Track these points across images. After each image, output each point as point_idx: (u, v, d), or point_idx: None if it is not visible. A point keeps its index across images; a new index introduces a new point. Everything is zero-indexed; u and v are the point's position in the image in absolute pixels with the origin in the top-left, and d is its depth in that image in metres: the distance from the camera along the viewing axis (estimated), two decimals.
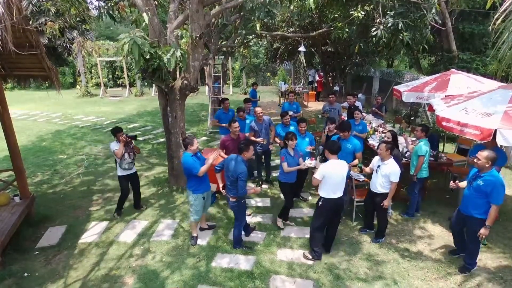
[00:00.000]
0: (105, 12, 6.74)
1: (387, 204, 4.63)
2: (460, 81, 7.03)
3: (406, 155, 5.97)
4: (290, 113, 6.78)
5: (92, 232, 5.26)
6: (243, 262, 4.48)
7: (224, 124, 6.83)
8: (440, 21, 7.86)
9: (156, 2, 7.03)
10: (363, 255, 4.62)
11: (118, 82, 20.83)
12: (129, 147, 5.45)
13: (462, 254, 4.41)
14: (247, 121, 6.63)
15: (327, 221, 4.46)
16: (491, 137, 4.29)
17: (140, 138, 10.41)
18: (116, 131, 5.44)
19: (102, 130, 11.54)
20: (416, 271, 4.30)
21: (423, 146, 5.19)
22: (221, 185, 4.79)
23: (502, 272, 4.25)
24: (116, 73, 21.11)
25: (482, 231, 3.90)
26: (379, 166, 4.66)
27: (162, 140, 9.98)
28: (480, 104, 4.87)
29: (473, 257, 4.23)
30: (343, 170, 4.30)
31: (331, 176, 4.21)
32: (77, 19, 9.40)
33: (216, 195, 5.61)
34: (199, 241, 4.92)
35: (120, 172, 5.51)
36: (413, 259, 4.53)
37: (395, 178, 4.51)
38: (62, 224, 5.49)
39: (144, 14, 5.35)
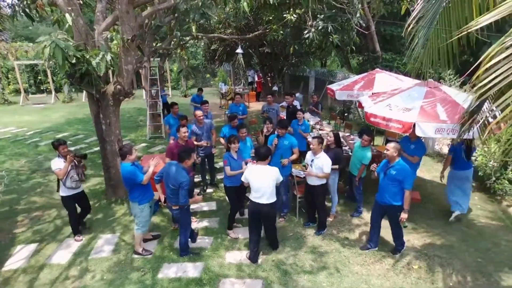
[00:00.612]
0: (21, 10, 6.07)
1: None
2: (384, 79, 7.73)
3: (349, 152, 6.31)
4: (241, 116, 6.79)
5: (18, 257, 4.71)
6: (191, 269, 4.38)
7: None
8: (364, 25, 8.55)
9: (81, 2, 6.52)
10: (308, 248, 4.83)
11: (42, 88, 18.80)
12: (78, 167, 4.84)
13: (373, 248, 4.75)
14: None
15: (256, 224, 4.48)
16: (412, 130, 4.79)
17: (71, 148, 9.58)
18: (58, 144, 4.72)
19: (25, 141, 10.37)
20: (356, 257, 4.62)
21: (368, 154, 5.24)
22: (162, 198, 4.61)
23: (427, 249, 4.77)
24: (39, 77, 19.02)
25: (403, 215, 4.30)
26: (312, 160, 4.91)
27: (96, 149, 9.30)
28: (401, 100, 5.41)
29: (400, 239, 4.66)
30: (269, 177, 4.25)
31: (253, 181, 4.27)
32: None
33: (159, 202, 5.38)
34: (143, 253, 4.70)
35: (63, 192, 4.80)
36: (353, 246, 4.86)
37: (328, 169, 4.78)
38: None
39: (67, 15, 4.92)
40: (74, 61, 4.62)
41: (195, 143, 6.18)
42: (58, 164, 4.65)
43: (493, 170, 6.18)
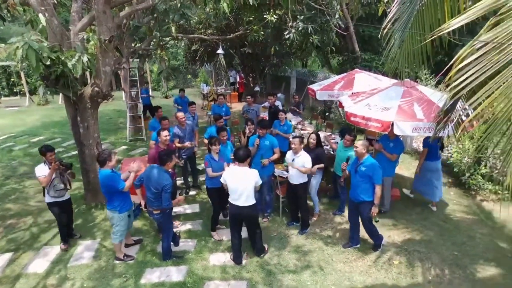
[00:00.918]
0: None
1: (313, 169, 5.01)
2: (363, 79, 7.89)
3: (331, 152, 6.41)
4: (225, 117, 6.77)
5: None
6: (175, 273, 4.33)
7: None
8: (343, 26, 8.71)
9: (55, 1, 6.32)
10: (292, 248, 4.86)
11: (15, 90, 18.09)
12: (63, 175, 4.66)
13: (355, 245, 4.82)
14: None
15: (237, 227, 4.44)
16: (390, 129, 4.92)
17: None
18: (46, 151, 4.55)
19: None
20: (339, 255, 4.70)
21: (352, 154, 4.90)
22: (143, 202, 4.53)
23: (407, 245, 4.90)
24: (12, 79, 18.27)
25: (373, 209, 4.39)
26: (293, 159, 4.95)
27: (74, 153, 9.01)
28: (379, 100, 5.53)
29: (377, 234, 4.73)
30: (248, 179, 4.19)
31: (231, 183, 4.23)
32: None
33: (140, 207, 5.29)
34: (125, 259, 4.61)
35: (48, 199, 4.67)
36: (335, 244, 4.93)
37: (309, 165, 4.85)
38: None
39: (40, 15, 4.77)
40: (48, 62, 4.47)
41: (178, 145, 6.12)
42: (42, 171, 4.49)
43: (467, 166, 6.42)
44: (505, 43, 2.30)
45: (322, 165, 5.22)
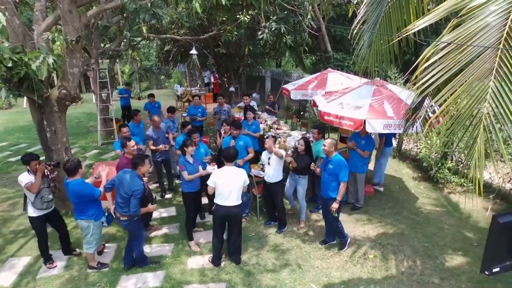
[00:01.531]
0: None
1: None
2: (336, 78, 8.07)
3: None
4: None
5: None
6: (152, 279, 4.23)
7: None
8: (315, 26, 8.85)
9: (17, 0, 6.01)
10: (270, 247, 4.89)
11: None
12: (48, 178, 4.29)
13: (332, 241, 4.91)
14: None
15: (221, 229, 4.41)
16: (363, 126, 5.05)
17: (12, 159, 8.81)
18: (30, 159, 4.19)
19: None
20: (316, 252, 4.77)
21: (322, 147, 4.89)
22: (112, 208, 4.36)
23: (381, 239, 5.06)
24: None
25: (334, 205, 4.42)
26: (269, 158, 4.98)
27: (41, 158, 8.60)
28: (351, 98, 5.68)
29: (342, 232, 4.75)
30: (237, 178, 4.22)
31: (221, 183, 4.19)
32: None
33: (111, 212, 5.13)
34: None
35: (33, 213, 4.21)
36: (313, 242, 5.01)
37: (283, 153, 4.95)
38: None
39: (0, 14, 4.50)
40: (10, 64, 4.23)
41: (152, 148, 5.99)
42: (27, 178, 4.12)
43: (435, 161, 6.72)
44: (465, 43, 2.43)
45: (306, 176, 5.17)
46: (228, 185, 4.17)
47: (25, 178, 4.13)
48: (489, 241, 2.80)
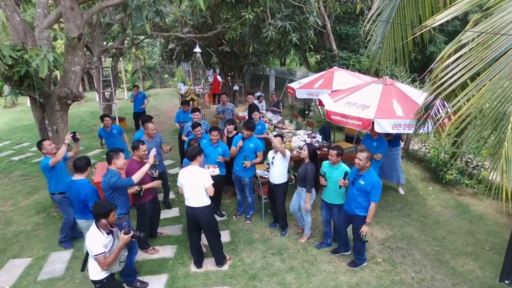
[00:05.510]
0: None
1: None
2: (342, 77, 7.90)
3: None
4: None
5: None
6: (155, 282, 4.14)
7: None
8: (321, 24, 8.69)
9: None
10: (275, 250, 4.76)
11: None
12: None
13: (345, 252, 4.61)
14: None
15: (191, 230, 4.30)
16: (371, 127, 4.90)
17: (16, 158, 8.76)
18: (107, 211, 3.23)
19: None
20: (322, 255, 4.64)
21: (343, 172, 4.29)
22: None
23: (389, 242, 4.91)
24: None
25: (363, 228, 3.99)
26: (273, 157, 4.85)
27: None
28: (359, 97, 5.52)
29: (362, 253, 4.37)
30: (196, 179, 4.01)
31: (185, 184, 4.09)
32: None
33: None
34: None
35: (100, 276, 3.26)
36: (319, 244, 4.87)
37: (288, 158, 4.82)
38: None
39: (0, 11, 4.41)
40: (11, 62, 4.15)
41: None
42: (100, 240, 3.15)
43: (444, 161, 6.55)
44: (493, 36, 2.26)
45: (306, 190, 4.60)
46: (188, 186, 4.07)
47: (96, 242, 3.07)
48: (509, 250, 2.65)
